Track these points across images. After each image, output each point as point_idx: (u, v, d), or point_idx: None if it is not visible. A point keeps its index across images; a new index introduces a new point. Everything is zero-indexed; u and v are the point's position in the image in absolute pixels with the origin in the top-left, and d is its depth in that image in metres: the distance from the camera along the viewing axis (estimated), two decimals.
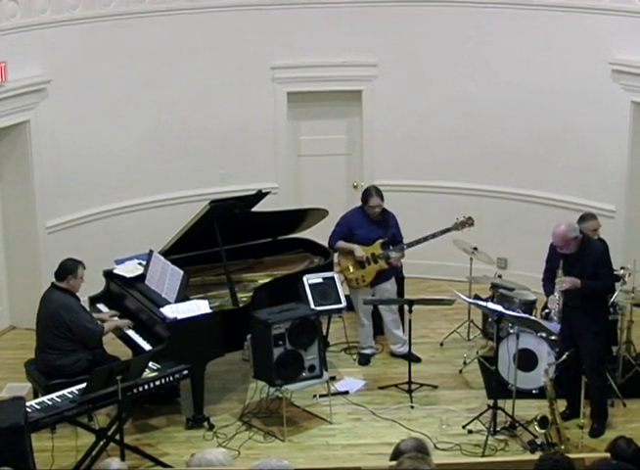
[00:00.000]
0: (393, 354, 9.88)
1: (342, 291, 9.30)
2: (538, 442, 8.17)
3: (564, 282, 8.22)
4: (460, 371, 9.63)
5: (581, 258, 8.23)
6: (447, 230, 9.74)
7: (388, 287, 9.70)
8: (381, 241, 9.55)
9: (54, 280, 8.61)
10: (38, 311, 8.64)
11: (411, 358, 9.55)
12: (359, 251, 9.50)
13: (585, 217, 8.93)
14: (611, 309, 8.85)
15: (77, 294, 8.64)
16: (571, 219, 8.77)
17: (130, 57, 10.64)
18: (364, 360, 9.79)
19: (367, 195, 9.63)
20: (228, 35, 11.01)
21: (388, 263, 9.57)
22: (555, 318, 8.37)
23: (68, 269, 8.54)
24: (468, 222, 9.80)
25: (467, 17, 10.88)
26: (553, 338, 8.64)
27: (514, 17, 10.69)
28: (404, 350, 9.72)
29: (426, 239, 9.64)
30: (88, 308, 9.10)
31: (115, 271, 9.44)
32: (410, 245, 9.62)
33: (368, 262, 9.53)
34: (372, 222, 9.60)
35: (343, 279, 9.64)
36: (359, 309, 9.73)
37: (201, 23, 10.90)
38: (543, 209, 10.93)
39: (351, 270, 9.57)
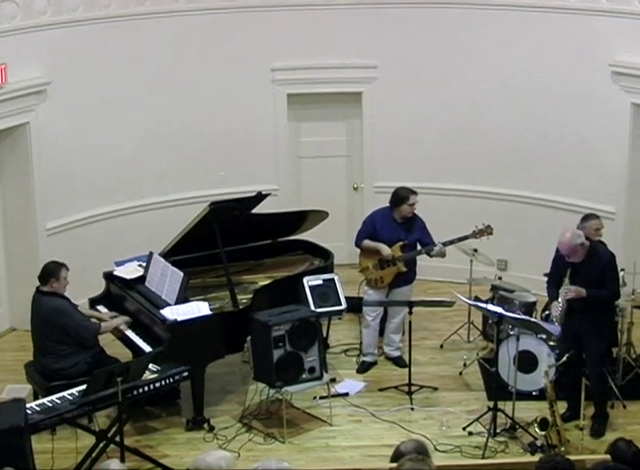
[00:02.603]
0: (385, 356, 9.89)
1: (342, 293, 9.30)
2: (538, 443, 8.17)
3: (569, 291, 8.20)
4: (460, 373, 9.63)
5: (588, 264, 8.20)
6: (465, 238, 9.57)
7: (406, 291, 9.59)
8: (400, 244, 9.45)
9: (38, 285, 8.59)
10: (31, 317, 8.63)
11: (398, 364, 9.66)
12: (386, 250, 9.40)
13: (588, 217, 8.89)
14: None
15: (68, 295, 8.61)
16: (572, 221, 8.80)
17: (130, 59, 10.64)
18: (362, 369, 9.73)
19: (403, 194, 9.41)
20: (228, 37, 11.01)
21: (408, 266, 9.52)
22: (556, 323, 8.35)
23: (51, 272, 8.51)
24: (487, 231, 9.58)
25: (467, 19, 10.89)
26: (551, 343, 8.64)
27: (514, 19, 10.69)
28: (395, 354, 9.79)
29: (444, 245, 9.44)
30: (88, 310, 9.11)
31: (116, 273, 9.43)
32: (428, 251, 9.46)
33: (387, 264, 9.49)
34: (396, 224, 9.49)
35: (364, 279, 9.62)
36: (367, 311, 9.67)
37: (201, 24, 10.90)
38: (543, 210, 10.93)
39: (371, 270, 9.53)
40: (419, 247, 9.53)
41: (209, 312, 8.66)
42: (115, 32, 10.49)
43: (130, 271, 9.37)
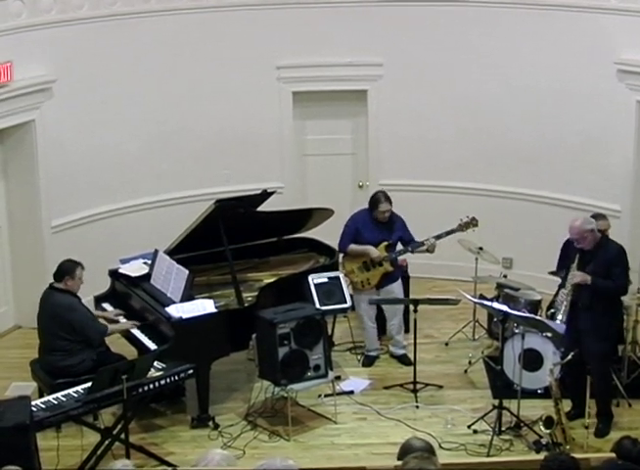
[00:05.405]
0: (390, 354, 9.90)
1: (347, 290, 9.30)
2: (543, 442, 8.16)
3: (575, 276, 8.24)
4: (465, 371, 9.62)
5: (596, 255, 8.25)
6: (451, 231, 9.65)
7: (395, 289, 9.65)
8: (385, 243, 9.48)
9: (52, 281, 8.61)
10: (39, 313, 8.64)
11: (404, 362, 9.67)
12: (374, 251, 9.44)
13: (595, 217, 8.92)
14: None
15: (79, 294, 8.63)
16: None
17: (136, 57, 10.65)
18: (367, 362, 9.78)
19: (376, 200, 9.53)
20: (234, 35, 11.01)
21: (394, 265, 9.54)
22: (560, 310, 8.35)
23: (66, 270, 8.54)
24: (472, 223, 9.70)
25: (472, 17, 10.88)
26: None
27: (519, 17, 10.68)
28: (400, 352, 9.80)
29: (433, 240, 9.49)
30: (93, 308, 9.12)
31: (121, 271, 9.44)
32: (415, 248, 9.52)
33: (373, 265, 9.50)
34: (377, 225, 9.55)
35: (349, 282, 9.62)
36: (362, 313, 9.69)
37: (206, 22, 10.90)
38: (549, 208, 10.92)
39: (356, 273, 9.55)
40: (399, 245, 9.56)
41: (215, 310, 8.66)
42: (121, 30, 10.49)
43: (135, 269, 9.39)
